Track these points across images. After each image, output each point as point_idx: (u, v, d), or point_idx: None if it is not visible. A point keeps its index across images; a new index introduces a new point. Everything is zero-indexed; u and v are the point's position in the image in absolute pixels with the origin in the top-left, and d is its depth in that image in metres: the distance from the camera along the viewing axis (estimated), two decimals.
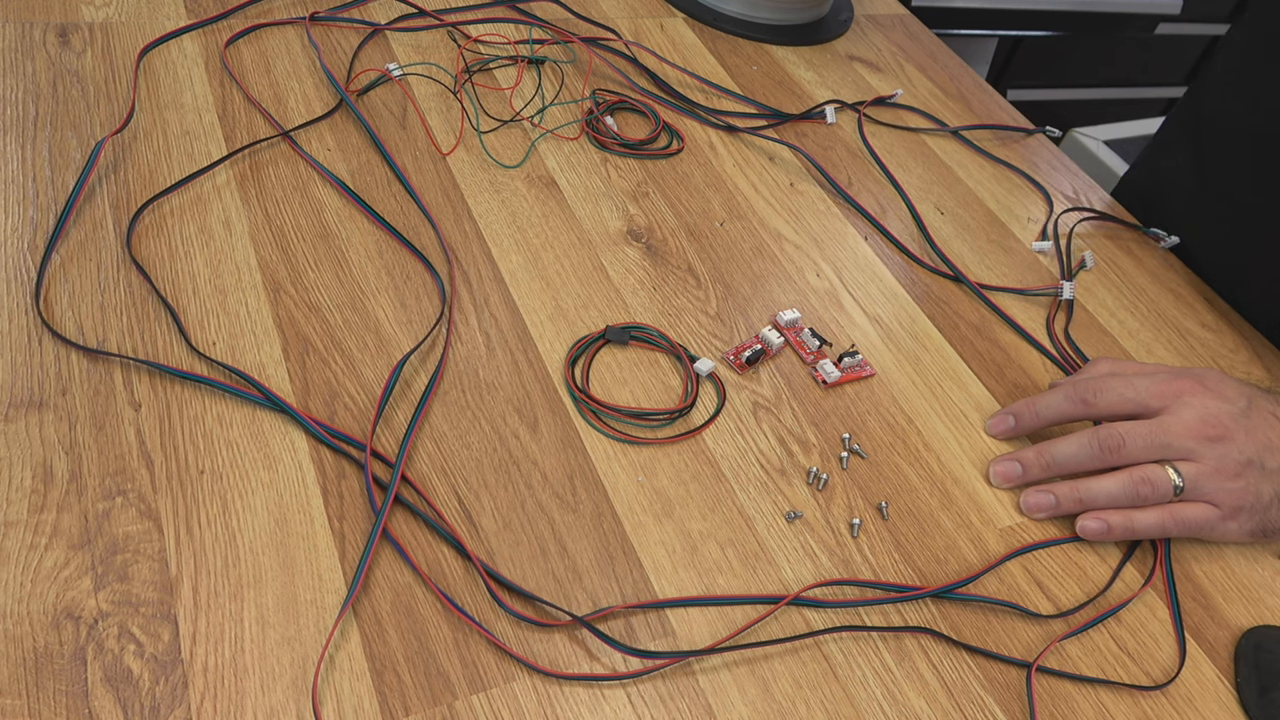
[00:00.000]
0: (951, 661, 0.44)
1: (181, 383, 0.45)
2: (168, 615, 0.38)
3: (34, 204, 0.51)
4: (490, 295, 0.53)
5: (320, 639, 0.39)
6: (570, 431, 0.48)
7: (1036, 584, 0.47)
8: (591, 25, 0.74)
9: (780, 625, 0.43)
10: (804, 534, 0.47)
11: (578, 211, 0.60)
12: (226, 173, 0.56)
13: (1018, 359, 0.59)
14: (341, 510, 0.43)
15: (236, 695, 0.37)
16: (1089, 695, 0.44)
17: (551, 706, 0.39)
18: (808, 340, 0.55)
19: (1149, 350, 0.62)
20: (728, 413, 0.51)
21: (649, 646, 0.41)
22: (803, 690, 0.41)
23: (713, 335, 0.55)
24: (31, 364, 0.44)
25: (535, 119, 0.65)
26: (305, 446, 0.45)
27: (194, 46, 0.63)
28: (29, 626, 0.37)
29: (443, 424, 0.47)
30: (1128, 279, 0.67)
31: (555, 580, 0.43)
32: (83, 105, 0.57)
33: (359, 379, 0.48)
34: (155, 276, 0.49)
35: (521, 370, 0.50)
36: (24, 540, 0.39)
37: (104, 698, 0.35)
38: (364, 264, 0.53)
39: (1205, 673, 0.46)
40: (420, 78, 0.66)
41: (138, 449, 0.43)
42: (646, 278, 0.57)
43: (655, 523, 0.45)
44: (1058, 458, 0.50)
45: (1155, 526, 0.48)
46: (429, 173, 0.59)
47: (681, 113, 0.69)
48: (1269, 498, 0.49)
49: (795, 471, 0.49)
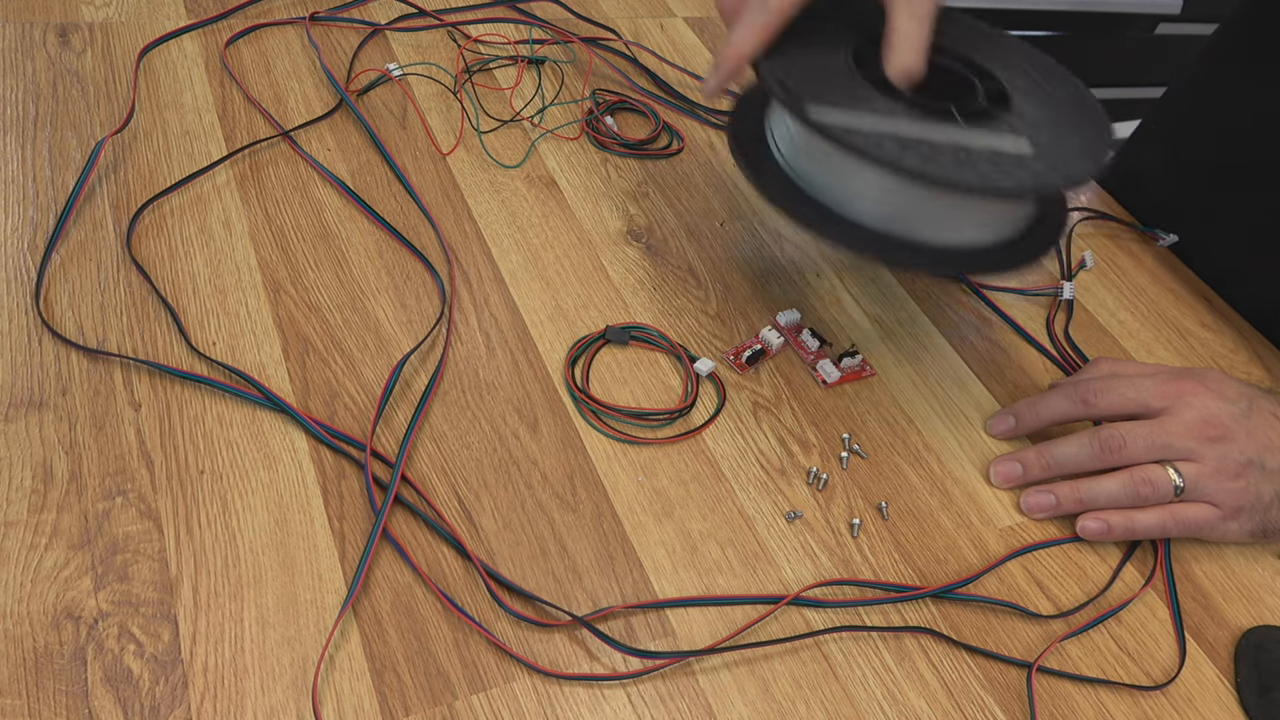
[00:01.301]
0: (951, 661, 0.44)
1: (181, 383, 0.45)
2: (168, 615, 0.38)
3: (34, 204, 0.51)
4: (490, 295, 0.53)
5: (320, 639, 0.39)
6: (570, 431, 0.48)
7: (1036, 584, 0.47)
8: (591, 25, 0.74)
9: (780, 625, 0.43)
10: (804, 534, 0.47)
11: (578, 211, 0.60)
12: (226, 173, 0.56)
13: (1018, 359, 0.59)
14: (341, 510, 0.43)
15: (236, 695, 0.37)
16: (1089, 695, 0.44)
17: (551, 706, 0.39)
18: (808, 340, 0.55)
19: (1149, 350, 0.62)
20: (728, 413, 0.51)
21: (649, 646, 0.41)
22: (803, 690, 0.41)
23: (713, 335, 0.55)
24: (31, 364, 0.44)
25: (535, 119, 0.65)
26: (305, 446, 0.45)
27: (194, 46, 0.63)
28: (29, 626, 0.37)
29: (443, 424, 0.47)
30: (1127, 279, 0.67)
31: (555, 580, 0.43)
32: (83, 105, 0.57)
33: (359, 379, 0.48)
34: (155, 276, 0.49)
35: (521, 370, 0.50)
36: (24, 540, 0.39)
37: (104, 698, 0.35)
38: (364, 264, 0.53)
39: (1205, 673, 0.46)
40: (420, 78, 0.66)
41: (138, 449, 0.43)
42: (646, 278, 0.57)
43: (655, 523, 0.45)
44: (1058, 458, 0.50)
45: (1155, 527, 0.48)
46: (429, 173, 0.59)
47: (681, 113, 0.69)
48: (1269, 498, 0.49)
49: (795, 471, 0.49)
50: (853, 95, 0.47)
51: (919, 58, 0.47)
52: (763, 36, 0.47)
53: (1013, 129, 0.47)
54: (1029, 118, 0.49)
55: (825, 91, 0.46)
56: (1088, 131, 0.49)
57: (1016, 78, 0.51)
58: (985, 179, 0.44)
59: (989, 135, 0.46)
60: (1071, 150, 0.48)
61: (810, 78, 0.47)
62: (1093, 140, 0.49)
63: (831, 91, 0.47)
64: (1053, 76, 0.53)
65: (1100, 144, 0.49)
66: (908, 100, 0.47)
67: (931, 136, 0.45)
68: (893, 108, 0.46)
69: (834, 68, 0.49)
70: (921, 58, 0.47)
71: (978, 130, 0.46)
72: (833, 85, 0.47)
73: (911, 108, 0.46)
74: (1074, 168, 0.46)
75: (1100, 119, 0.50)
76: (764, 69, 0.47)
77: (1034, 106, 0.50)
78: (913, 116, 0.46)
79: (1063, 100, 0.51)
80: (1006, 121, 0.48)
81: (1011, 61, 0.52)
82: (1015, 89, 0.50)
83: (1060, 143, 0.48)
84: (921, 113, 0.46)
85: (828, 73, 0.48)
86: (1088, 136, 0.49)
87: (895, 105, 0.46)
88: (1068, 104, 0.51)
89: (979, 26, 0.54)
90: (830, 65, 0.49)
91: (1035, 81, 0.52)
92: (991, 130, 0.47)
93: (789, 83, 0.46)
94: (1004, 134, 0.46)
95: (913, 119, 0.46)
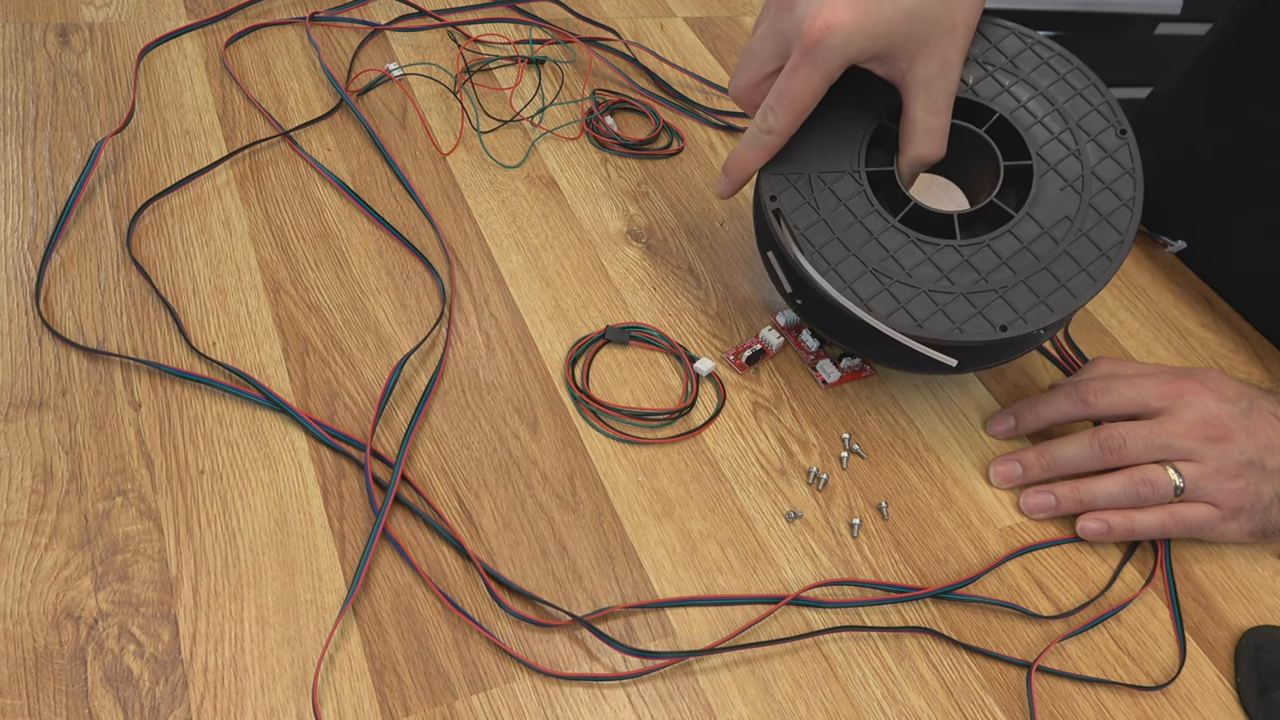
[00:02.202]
0: (951, 661, 0.44)
1: (181, 383, 0.45)
2: (168, 615, 0.38)
3: (34, 204, 0.51)
4: (490, 295, 0.53)
5: (320, 639, 0.39)
6: (570, 431, 0.48)
7: (1036, 584, 0.47)
8: (591, 25, 0.74)
9: (780, 625, 0.43)
10: (804, 534, 0.47)
11: (578, 211, 0.60)
12: (226, 173, 0.56)
13: (1018, 359, 0.59)
14: (341, 510, 0.43)
15: (236, 695, 0.37)
16: (1089, 695, 0.44)
17: (551, 706, 0.39)
18: (808, 340, 0.55)
19: (1149, 350, 0.62)
20: (728, 413, 0.51)
21: (649, 646, 0.41)
22: (803, 690, 0.41)
23: (713, 335, 0.55)
24: (31, 364, 0.44)
25: (535, 119, 0.65)
26: (305, 446, 0.45)
27: (194, 46, 0.63)
28: (29, 626, 0.37)
29: (443, 424, 0.47)
30: (1128, 280, 0.67)
31: (555, 580, 0.43)
32: (83, 105, 0.57)
33: (359, 379, 0.48)
34: (155, 276, 0.49)
35: (521, 370, 0.50)
36: (24, 540, 0.39)
37: (104, 698, 0.35)
38: (364, 264, 0.53)
39: (1205, 673, 0.46)
40: (420, 78, 0.66)
41: (138, 449, 0.43)
42: (646, 278, 0.57)
43: (655, 523, 0.45)
44: (1058, 458, 0.50)
45: (1155, 527, 0.48)
46: (429, 173, 0.59)
47: (681, 113, 0.69)
48: (1269, 498, 0.49)
49: (795, 471, 0.49)
50: (854, 224, 0.49)
51: (937, 149, 0.49)
52: (766, 156, 0.50)
53: (1016, 240, 0.47)
54: (1042, 211, 0.48)
55: (816, 233, 0.49)
56: (1101, 226, 0.47)
57: (1048, 123, 0.49)
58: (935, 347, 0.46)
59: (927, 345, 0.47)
60: (1080, 254, 0.47)
61: (807, 212, 0.49)
62: (1102, 237, 0.47)
63: (833, 219, 0.49)
64: (1083, 103, 0.50)
65: (1108, 240, 0.47)
66: (910, 234, 0.48)
67: (916, 277, 0.47)
68: (885, 242, 0.48)
69: (842, 166, 0.50)
70: (940, 148, 0.49)
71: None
72: (835, 206, 0.49)
73: (909, 239, 0.48)
74: (1073, 286, 0.46)
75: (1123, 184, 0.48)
76: (764, 193, 0.50)
77: (1053, 190, 0.48)
78: (910, 249, 0.48)
79: (1087, 150, 0.49)
80: (1011, 233, 0.48)
81: (1047, 89, 0.50)
82: (1040, 151, 0.49)
83: (1060, 252, 0.47)
84: (918, 247, 0.48)
85: (835, 185, 0.50)
86: (1100, 229, 0.47)
87: (893, 236, 0.48)
88: (1092, 159, 0.49)
89: (1040, 47, 0.52)
90: (839, 164, 0.50)
91: (1064, 123, 0.49)
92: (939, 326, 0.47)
93: (783, 230, 0.49)
94: (937, 355, 0.47)
95: (910, 252, 0.48)
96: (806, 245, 0.48)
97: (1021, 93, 0.50)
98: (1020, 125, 0.49)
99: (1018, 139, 0.49)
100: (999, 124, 0.50)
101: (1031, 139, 0.49)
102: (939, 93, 0.47)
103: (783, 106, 0.47)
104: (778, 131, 0.48)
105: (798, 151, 0.50)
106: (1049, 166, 0.49)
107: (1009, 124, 0.49)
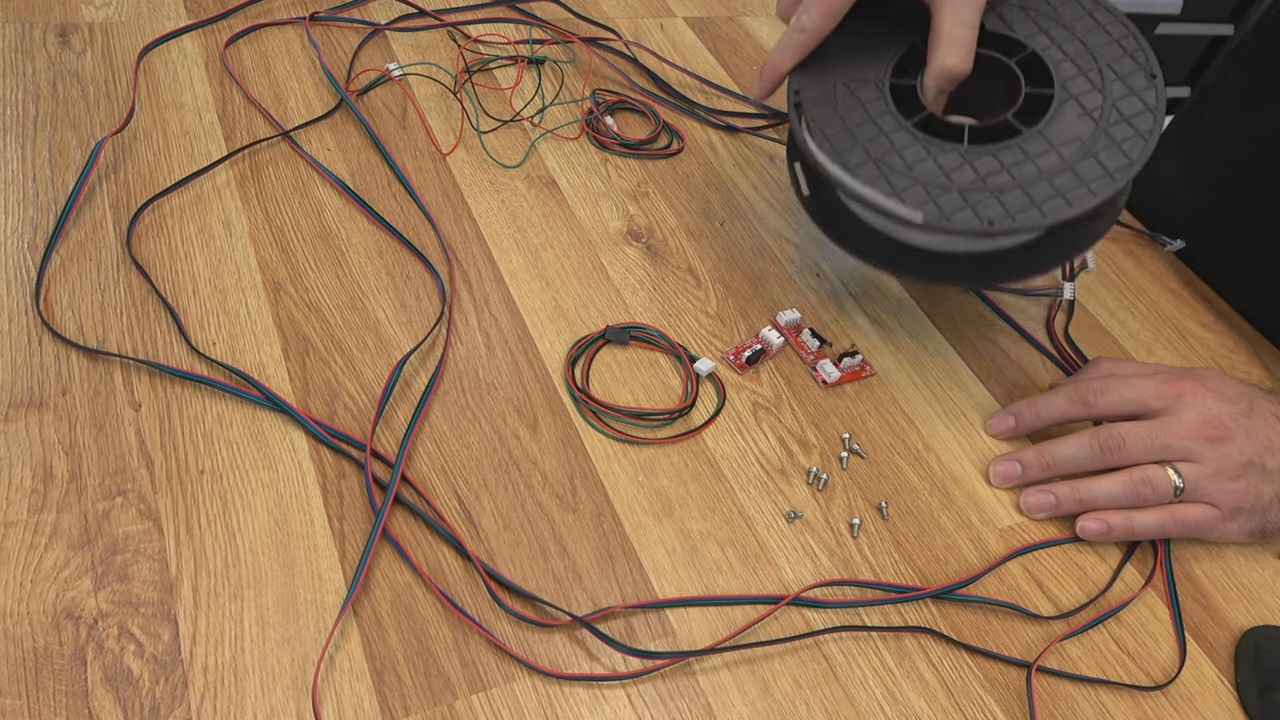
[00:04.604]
0: (951, 661, 0.44)
1: (181, 383, 0.45)
2: (168, 615, 0.38)
3: (34, 204, 0.51)
4: (490, 295, 0.53)
5: (320, 639, 0.39)
6: (570, 431, 0.48)
7: (1036, 584, 0.47)
8: (591, 25, 0.74)
9: (780, 625, 0.43)
10: (804, 534, 0.47)
11: (578, 211, 0.60)
12: (226, 173, 0.56)
13: (1018, 359, 0.59)
14: (341, 510, 0.43)
15: (236, 695, 0.37)
16: (1089, 695, 0.44)
17: (551, 706, 0.39)
18: (808, 340, 0.55)
19: (1149, 350, 0.62)
20: (728, 413, 0.51)
21: (649, 646, 0.41)
22: (803, 690, 0.41)
23: (713, 335, 0.55)
24: (31, 364, 0.44)
25: (535, 119, 0.65)
26: (305, 446, 0.45)
27: (194, 46, 0.63)
28: (29, 626, 0.37)
29: (443, 424, 0.47)
30: (1128, 280, 0.67)
31: (555, 580, 0.43)
32: (83, 105, 0.57)
33: (359, 379, 0.48)
34: (155, 276, 0.49)
35: (521, 370, 0.50)
36: (24, 540, 0.39)
37: (104, 698, 0.35)
38: (364, 264, 0.53)
39: (1205, 673, 0.46)
40: (420, 78, 0.66)
41: (138, 449, 0.43)
42: (646, 278, 0.57)
43: (655, 523, 0.45)
44: (1058, 458, 0.50)
45: (1155, 527, 0.48)
46: (429, 173, 0.59)
47: (681, 113, 0.69)
48: (1269, 499, 0.49)
49: (795, 471, 0.49)
50: (867, 121, 0.50)
51: (961, 61, 0.50)
52: (798, 55, 0.53)
53: (1022, 152, 0.48)
54: (1056, 131, 0.48)
55: (829, 123, 0.51)
56: (1111, 149, 0.48)
57: (1078, 61, 0.50)
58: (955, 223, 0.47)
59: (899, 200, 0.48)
60: (1085, 172, 0.47)
61: (825, 107, 0.51)
62: (1110, 159, 0.48)
63: (848, 115, 0.51)
64: (1118, 48, 0.51)
65: (1116, 162, 0.48)
66: (919, 135, 0.49)
67: (925, 174, 0.48)
68: (893, 139, 0.50)
69: (867, 76, 0.52)
70: (964, 61, 0.50)
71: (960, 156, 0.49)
72: (852, 105, 0.51)
73: (916, 139, 0.49)
74: (1071, 197, 0.47)
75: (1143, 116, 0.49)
76: (792, 97, 0.53)
77: (1070, 116, 0.49)
78: (915, 148, 0.49)
79: (1113, 88, 0.49)
80: (1018, 145, 0.48)
81: (1084, 34, 0.51)
82: (1065, 83, 0.50)
83: (1065, 168, 0.47)
84: (924, 146, 0.49)
85: (857, 90, 0.52)
86: (1110, 151, 0.48)
87: (901, 135, 0.50)
88: (1116, 93, 0.49)
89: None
90: (865, 74, 0.52)
91: (1094, 63, 0.50)
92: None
93: (805, 122, 0.51)
94: (902, 203, 0.48)
95: (915, 150, 0.49)
96: (818, 132, 0.50)
97: (1057, 33, 0.51)
98: (1050, 61, 0.50)
99: (1046, 74, 0.50)
100: (1029, 59, 0.51)
101: (1059, 73, 0.50)
102: (966, 5, 0.49)
103: (816, 7, 0.50)
104: (810, 31, 0.51)
105: (829, 62, 0.53)
106: (1070, 96, 0.49)
107: (1039, 60, 0.50)
